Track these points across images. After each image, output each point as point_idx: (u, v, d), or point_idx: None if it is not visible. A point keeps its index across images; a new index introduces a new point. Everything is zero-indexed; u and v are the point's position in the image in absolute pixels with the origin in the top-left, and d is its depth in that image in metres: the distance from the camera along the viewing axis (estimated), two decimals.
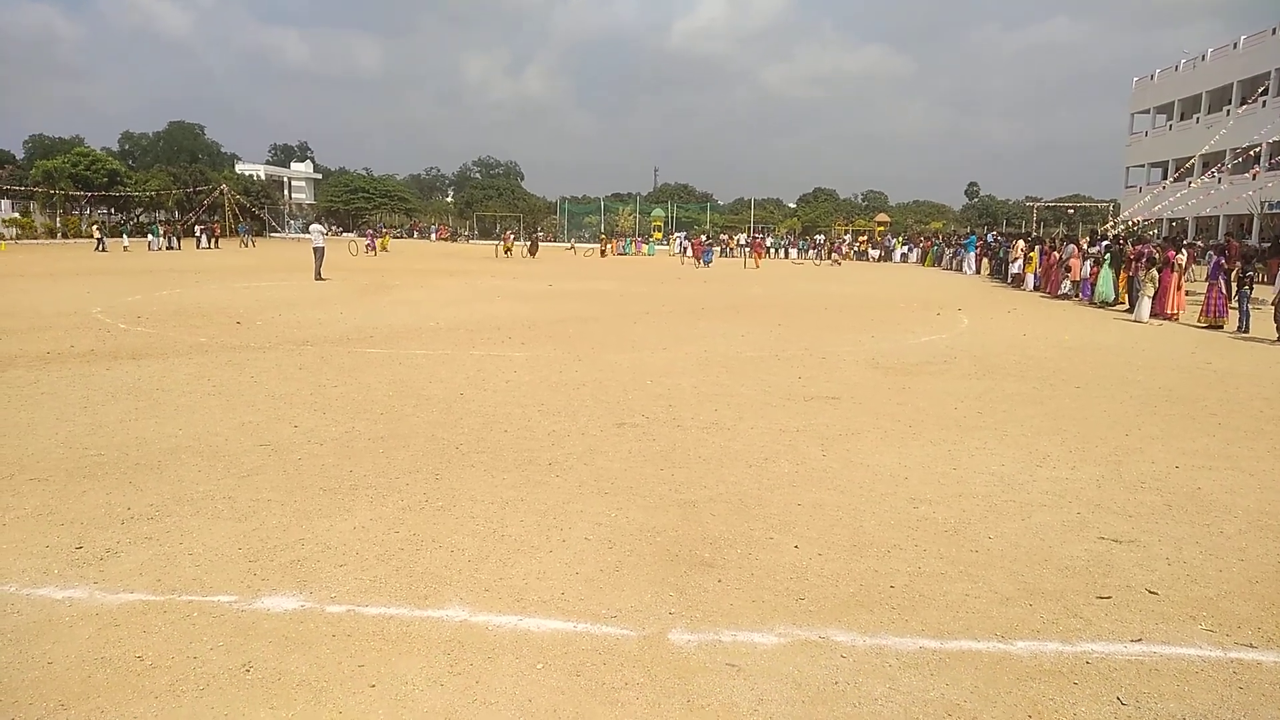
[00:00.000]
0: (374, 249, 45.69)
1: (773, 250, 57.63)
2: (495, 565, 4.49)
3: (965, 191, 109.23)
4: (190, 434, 7.12)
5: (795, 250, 57.34)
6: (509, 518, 5.24)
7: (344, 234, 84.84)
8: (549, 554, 4.68)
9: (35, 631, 3.67)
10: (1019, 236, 35.01)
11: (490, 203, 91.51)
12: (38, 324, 13.94)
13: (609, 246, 55.19)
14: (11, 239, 51.49)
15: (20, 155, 75.08)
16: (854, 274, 38.07)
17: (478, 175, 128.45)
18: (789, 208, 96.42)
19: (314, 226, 28.17)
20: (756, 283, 29.98)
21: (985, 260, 37.16)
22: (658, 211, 74.64)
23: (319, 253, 25.91)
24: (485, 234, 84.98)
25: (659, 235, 70.78)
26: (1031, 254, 28.27)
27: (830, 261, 47.75)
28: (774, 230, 75.07)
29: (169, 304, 17.69)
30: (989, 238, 42.00)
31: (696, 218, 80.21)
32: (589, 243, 61.32)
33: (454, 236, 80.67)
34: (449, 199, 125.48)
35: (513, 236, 50.90)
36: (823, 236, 67.18)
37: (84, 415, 7.72)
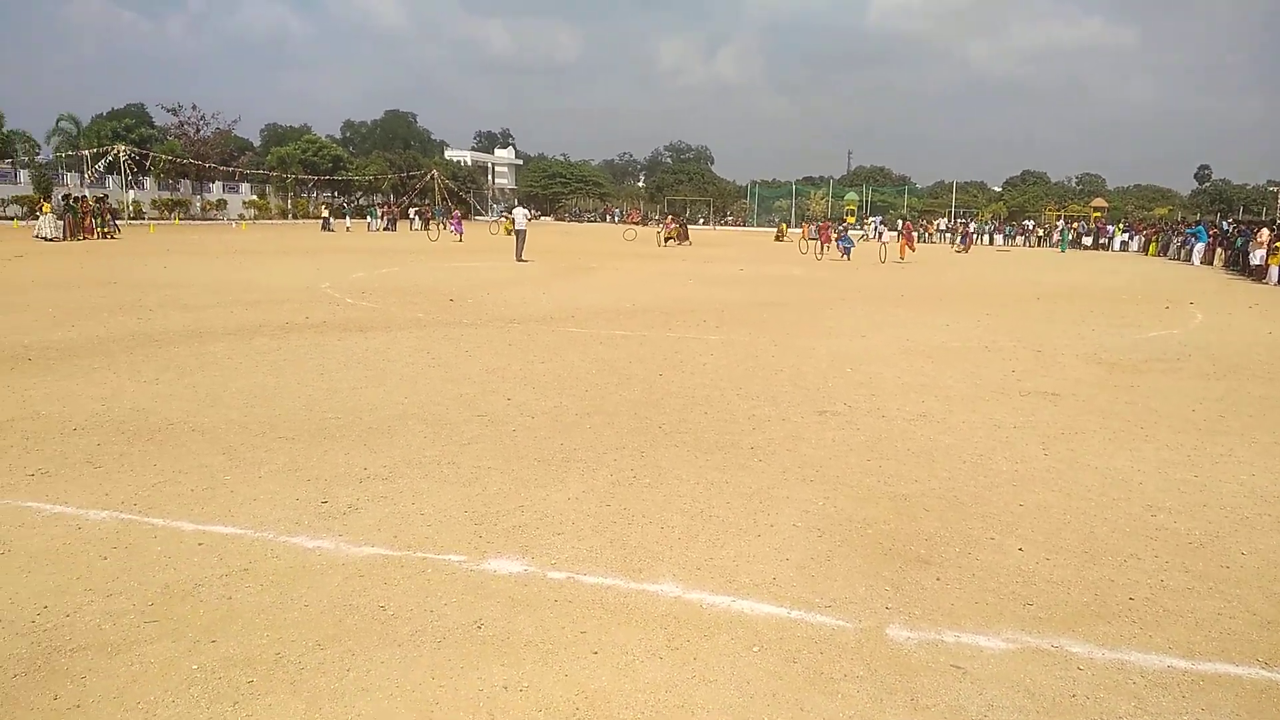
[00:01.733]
0: (459, 232, 40.46)
1: (976, 237, 54.80)
2: (705, 545, 4.52)
3: (1195, 175, 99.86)
4: (414, 402, 7.60)
5: (1001, 236, 54.21)
6: (715, 499, 5.26)
7: (543, 218, 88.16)
8: (757, 538, 4.65)
9: (292, 576, 4.03)
10: (1263, 224, 31.52)
11: (680, 187, 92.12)
12: (276, 297, 15.32)
13: (792, 232, 54.32)
14: (250, 219, 56.86)
15: (257, 143, 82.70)
16: (1071, 263, 35.63)
17: (669, 160, 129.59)
18: (994, 191, 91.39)
19: (517, 210, 29.24)
20: (960, 270, 28.64)
21: (1219, 250, 33.77)
22: (851, 195, 72.62)
23: (520, 235, 27.01)
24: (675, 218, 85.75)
25: (852, 219, 68.97)
26: (1278, 244, 25.40)
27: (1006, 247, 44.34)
28: (977, 215, 71.36)
29: (389, 281, 18.97)
30: (1224, 225, 38.14)
31: (893, 201, 77.57)
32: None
33: (645, 221, 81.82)
34: (640, 184, 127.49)
35: (675, 223, 43.91)
36: (1031, 222, 63.25)
37: (321, 381, 8.40)
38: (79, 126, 55.62)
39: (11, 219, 45.24)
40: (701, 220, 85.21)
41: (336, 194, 64.09)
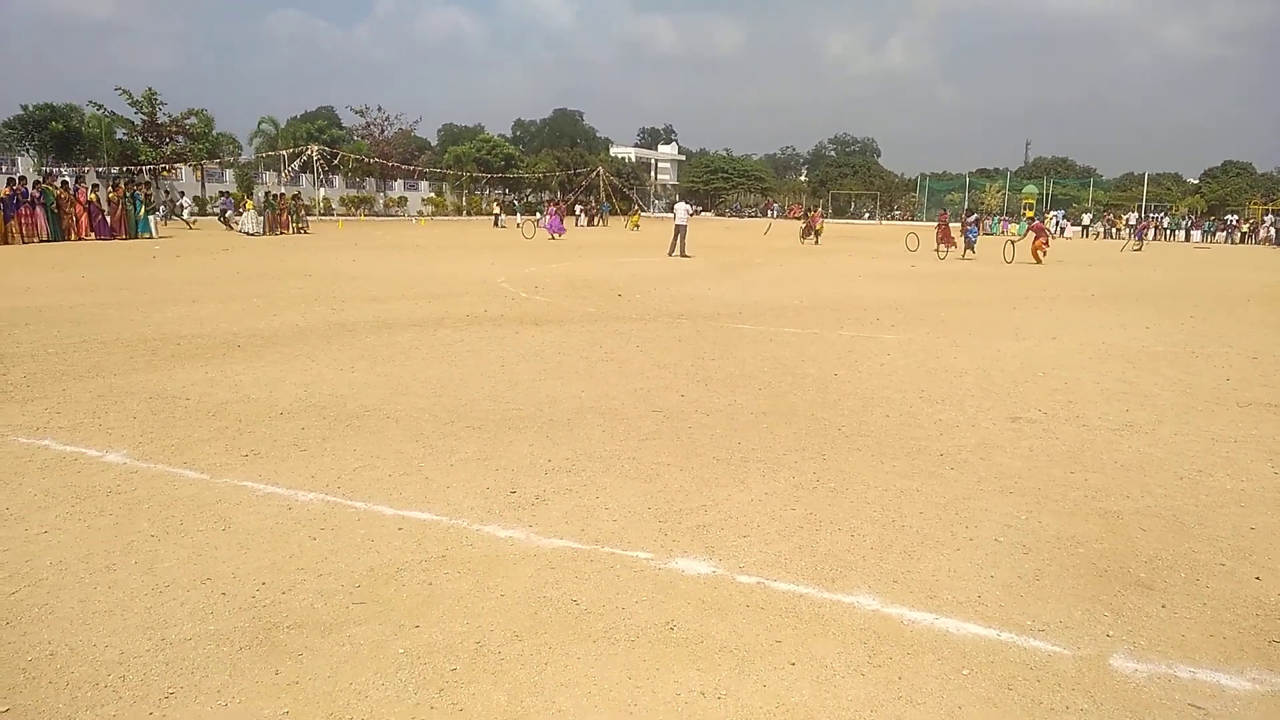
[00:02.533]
0: (560, 231, 36.72)
1: (1169, 232, 50.73)
2: (900, 556, 4.30)
3: None
4: (591, 396, 7.69)
5: (1199, 233, 49.88)
6: (906, 507, 5.01)
7: (703, 213, 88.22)
8: (956, 551, 4.39)
9: (487, 565, 4.11)
10: None
11: (846, 180, 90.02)
12: (456, 290, 15.95)
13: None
14: (428, 215, 59.70)
15: (434, 142, 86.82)
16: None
17: (833, 153, 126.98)
18: (1190, 184, 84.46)
19: (678, 206, 29.42)
20: (1149, 268, 26.56)
21: None
22: (1030, 188, 68.74)
23: (680, 230, 27.11)
24: (840, 212, 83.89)
25: (1030, 214, 65.28)
26: None
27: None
28: (1171, 209, 66.10)
29: (559, 276, 19.43)
30: None
31: (1076, 194, 72.97)
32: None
33: (805, 215, 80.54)
34: (802, 177, 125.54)
35: (821, 217, 39.75)
36: (1234, 217, 57.94)
37: (502, 373, 8.64)
38: (277, 128, 60.08)
39: (218, 214, 49.42)
40: (867, 215, 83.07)
41: (507, 191, 66.37)
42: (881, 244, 38.45)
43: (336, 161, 55.31)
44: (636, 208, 54.95)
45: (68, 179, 35.29)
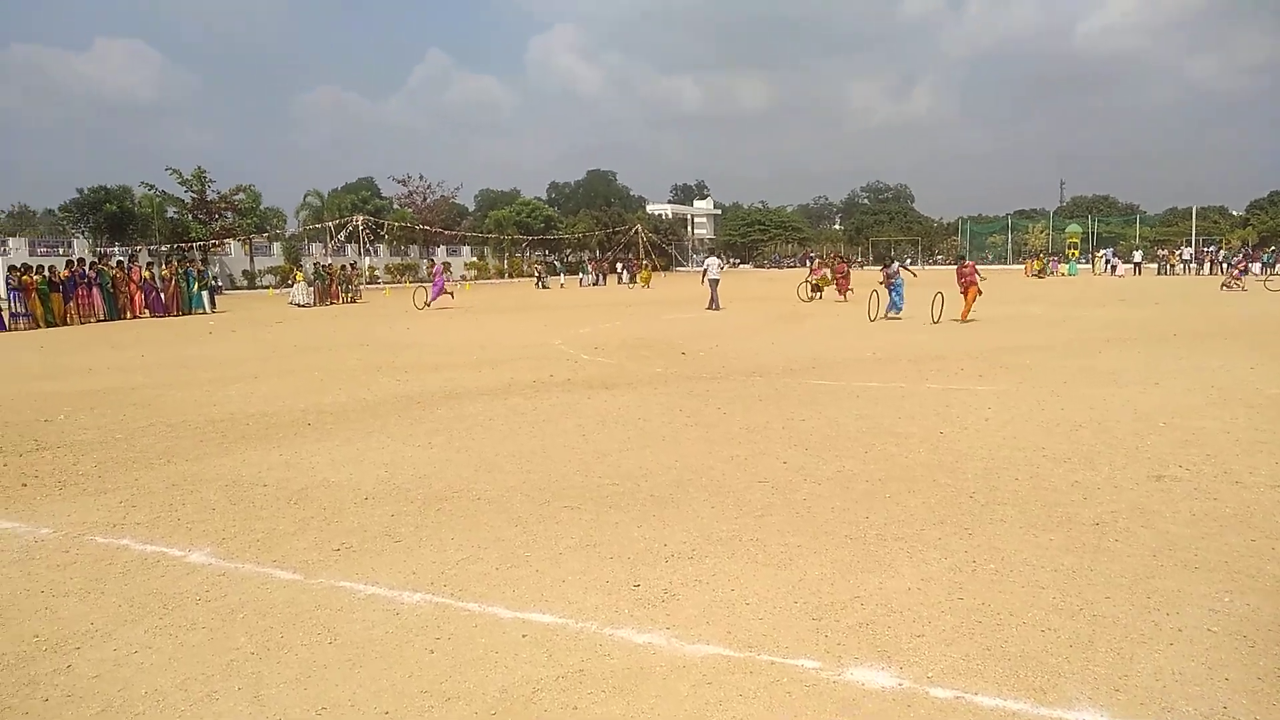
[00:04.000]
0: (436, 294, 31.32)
1: (1221, 266, 49.44)
2: (1108, 655, 3.70)
3: None
4: (686, 466, 7.18)
5: (1258, 265, 48.55)
6: (1087, 591, 4.41)
7: (740, 265, 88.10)
8: (1170, 646, 3.78)
9: (634, 681, 3.59)
10: None
11: (882, 227, 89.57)
12: (515, 354, 15.62)
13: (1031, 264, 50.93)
14: (471, 279, 60.16)
15: (471, 208, 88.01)
16: None
17: (865, 201, 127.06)
18: (1236, 216, 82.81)
19: (710, 260, 29.13)
20: (1235, 304, 25.61)
21: None
22: (1073, 227, 67.86)
23: (714, 284, 26.89)
24: (880, 259, 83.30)
25: (1075, 253, 64.28)
26: None
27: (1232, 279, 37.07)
28: (1222, 241, 64.70)
29: (614, 335, 19.05)
30: None
31: (1121, 231, 71.81)
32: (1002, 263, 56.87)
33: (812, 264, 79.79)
34: (837, 226, 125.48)
35: (825, 270, 33.28)
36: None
37: (584, 443, 8.17)
38: (322, 200, 61.19)
39: (267, 288, 50.09)
40: (909, 260, 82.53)
41: (547, 252, 66.81)
42: (930, 289, 37.77)
43: (382, 230, 56.04)
44: (646, 264, 53.91)
45: (122, 258, 35.91)
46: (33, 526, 5.86)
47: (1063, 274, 53.38)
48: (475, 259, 66.18)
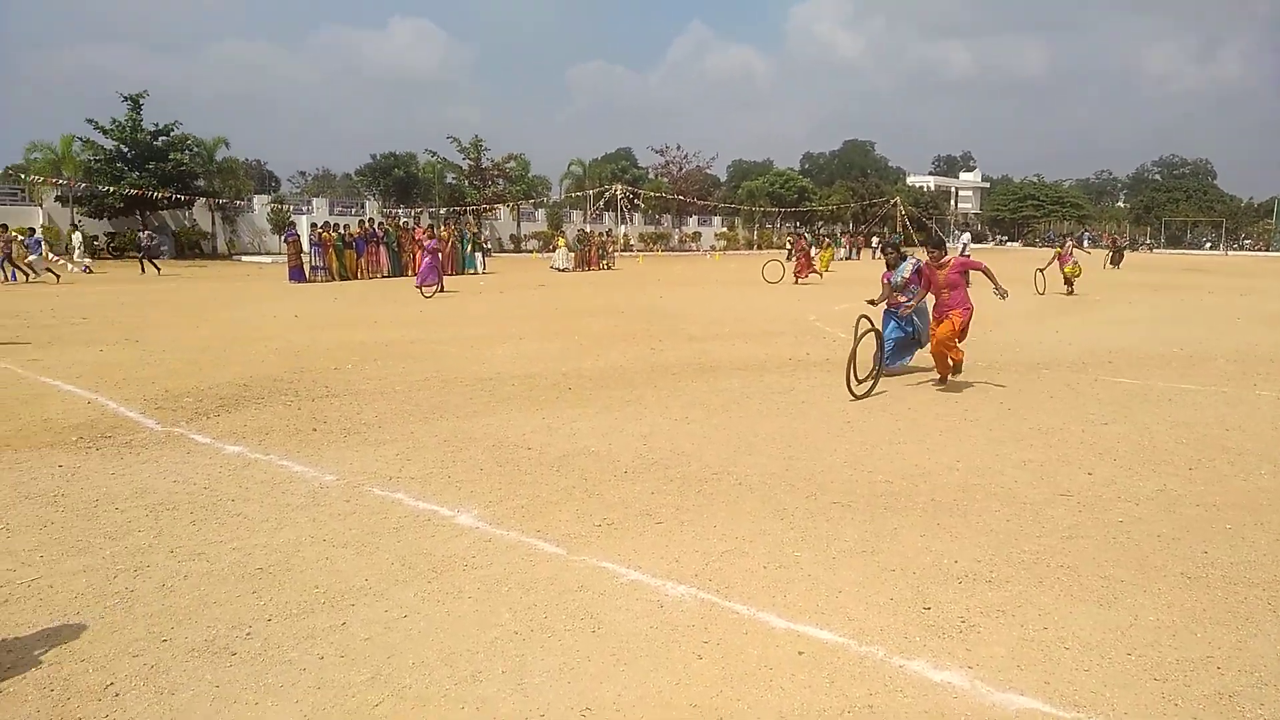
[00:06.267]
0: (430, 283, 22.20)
1: None
2: None
3: None
4: (970, 468, 6.42)
5: None
6: None
7: (1008, 243, 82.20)
8: None
9: None
10: None
11: (1176, 206, 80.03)
12: (769, 328, 15.15)
13: None
14: (720, 250, 60.23)
15: (723, 178, 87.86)
16: None
17: (1157, 176, 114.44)
18: None
19: (962, 236, 28.22)
20: None
21: None
22: None
23: None
24: (1174, 241, 74.77)
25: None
26: None
27: None
28: None
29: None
30: None
31: None
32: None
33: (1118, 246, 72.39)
34: (1120, 203, 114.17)
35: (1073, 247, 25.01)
36: None
37: (851, 430, 7.59)
38: (585, 169, 63.51)
39: (531, 252, 52.83)
40: (1208, 244, 73.37)
41: (799, 224, 65.51)
42: (1235, 278, 33.07)
43: (637, 200, 57.34)
44: (827, 242, 39.86)
45: (406, 220, 39.05)
46: (319, 472, 6.18)
47: None
48: (725, 229, 66.22)
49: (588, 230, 41.91)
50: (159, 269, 30.56)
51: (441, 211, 49.45)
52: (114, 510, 5.33)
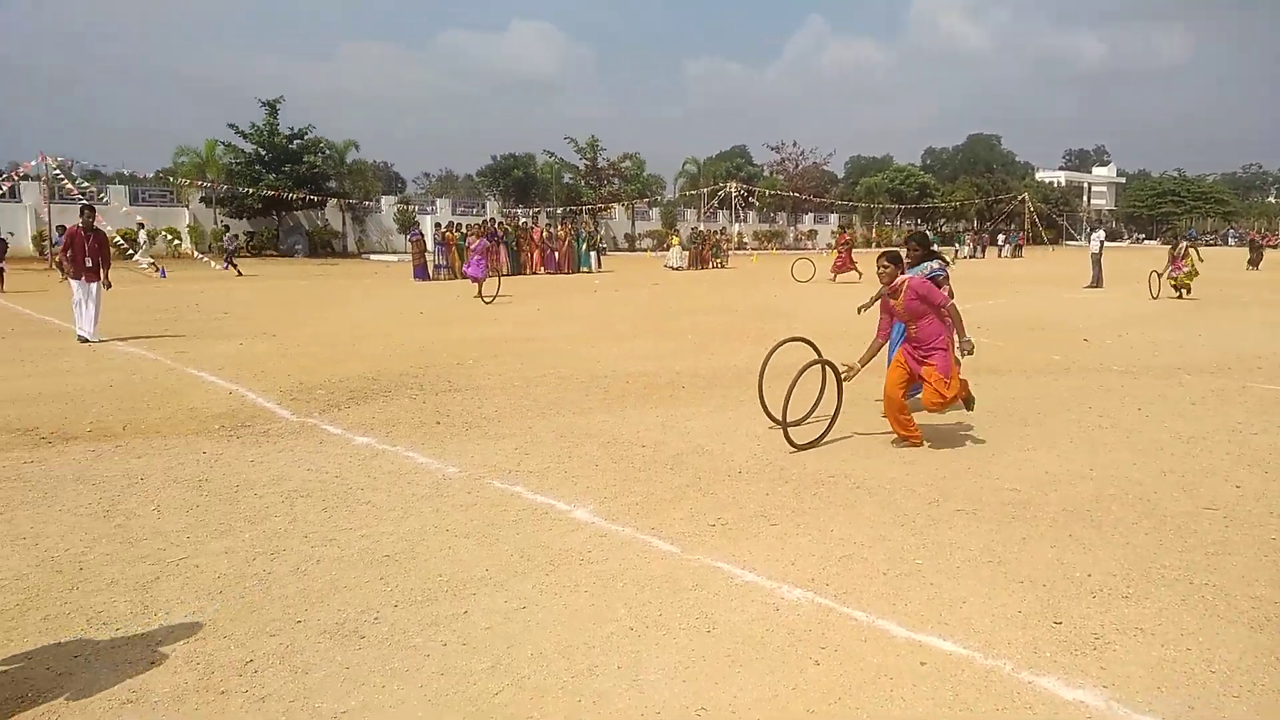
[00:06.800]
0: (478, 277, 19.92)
1: None
2: None
3: None
4: (1105, 477, 6.10)
5: None
6: None
7: (1145, 240, 77.84)
8: None
9: None
10: None
11: None
12: None
13: None
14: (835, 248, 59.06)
15: (840, 175, 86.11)
16: None
17: None
18: None
19: (1095, 234, 28.32)
20: None
21: None
22: None
23: (1095, 260, 25.76)
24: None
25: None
26: None
27: None
28: None
29: (1001, 314, 17.41)
30: None
31: None
32: None
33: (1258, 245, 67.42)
34: (1271, 199, 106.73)
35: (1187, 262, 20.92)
36: None
37: (972, 436, 7.33)
38: (699, 167, 63.48)
39: (644, 250, 53.15)
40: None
41: (919, 221, 63.77)
42: None
43: (752, 198, 56.97)
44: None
45: (525, 220, 39.94)
46: (443, 464, 6.38)
47: None
48: (842, 228, 65.05)
49: (702, 229, 41.86)
50: (239, 270, 29.97)
51: (558, 211, 50.31)
52: (253, 496, 5.63)
